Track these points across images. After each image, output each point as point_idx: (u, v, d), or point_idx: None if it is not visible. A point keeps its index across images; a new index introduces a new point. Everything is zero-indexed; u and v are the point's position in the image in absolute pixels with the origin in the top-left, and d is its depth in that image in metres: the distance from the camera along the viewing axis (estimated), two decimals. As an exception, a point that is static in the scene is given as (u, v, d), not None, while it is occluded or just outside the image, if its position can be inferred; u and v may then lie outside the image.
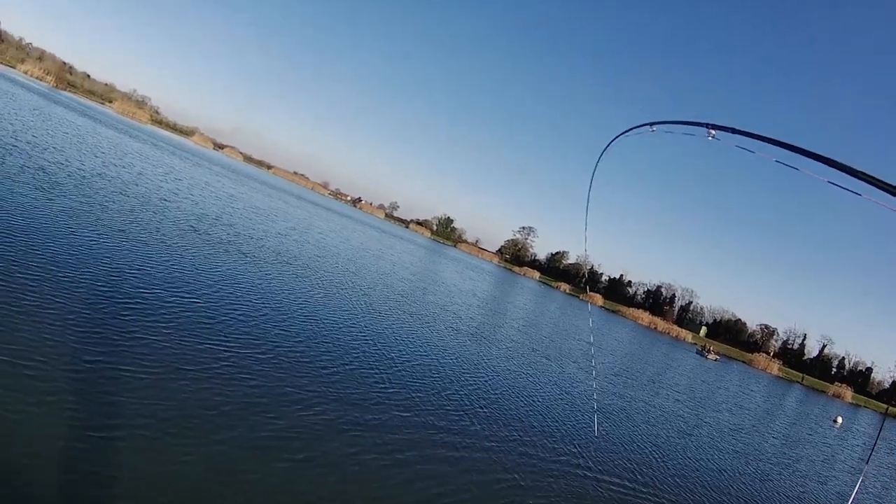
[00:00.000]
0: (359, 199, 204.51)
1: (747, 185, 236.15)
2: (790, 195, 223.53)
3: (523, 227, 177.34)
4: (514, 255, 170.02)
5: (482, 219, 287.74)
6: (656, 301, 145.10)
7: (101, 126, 53.04)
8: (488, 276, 73.51)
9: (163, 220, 17.83)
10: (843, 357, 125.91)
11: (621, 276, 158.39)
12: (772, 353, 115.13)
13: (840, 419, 41.35)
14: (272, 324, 11.48)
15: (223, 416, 6.80)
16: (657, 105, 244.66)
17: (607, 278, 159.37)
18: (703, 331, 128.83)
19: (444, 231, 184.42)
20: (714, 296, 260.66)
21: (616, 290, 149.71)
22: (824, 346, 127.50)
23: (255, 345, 9.81)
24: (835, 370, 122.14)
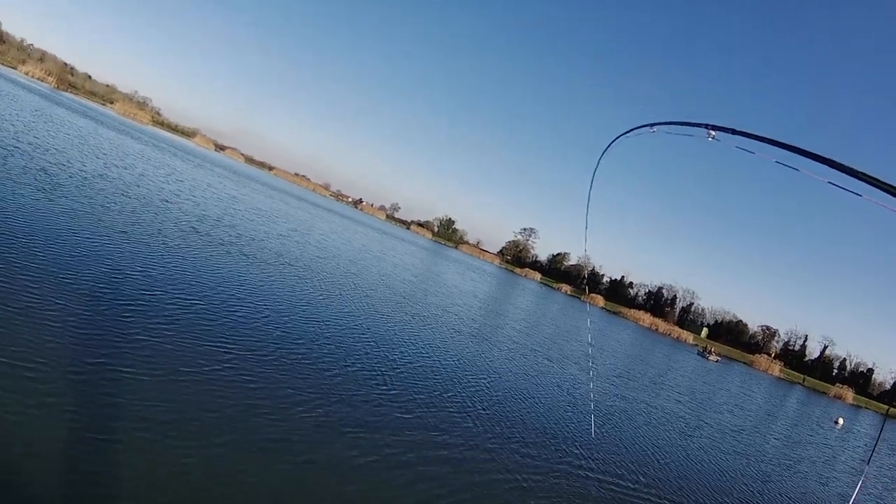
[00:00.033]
0: (360, 200, 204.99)
1: (749, 186, 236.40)
2: (791, 196, 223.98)
3: (524, 229, 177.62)
4: (516, 257, 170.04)
5: (483, 220, 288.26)
6: (657, 302, 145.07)
7: (103, 127, 53.10)
8: (489, 277, 73.50)
9: (164, 222, 17.85)
10: (845, 358, 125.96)
11: (623, 277, 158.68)
12: (773, 355, 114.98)
13: (841, 420, 41.33)
14: (274, 325, 11.49)
15: (224, 418, 6.80)
16: (657, 105, 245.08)
17: (608, 280, 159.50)
18: (705, 332, 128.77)
19: (446, 232, 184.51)
20: (715, 297, 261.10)
21: (617, 292, 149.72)
22: (825, 347, 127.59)
23: (257, 346, 9.82)
24: (836, 371, 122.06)
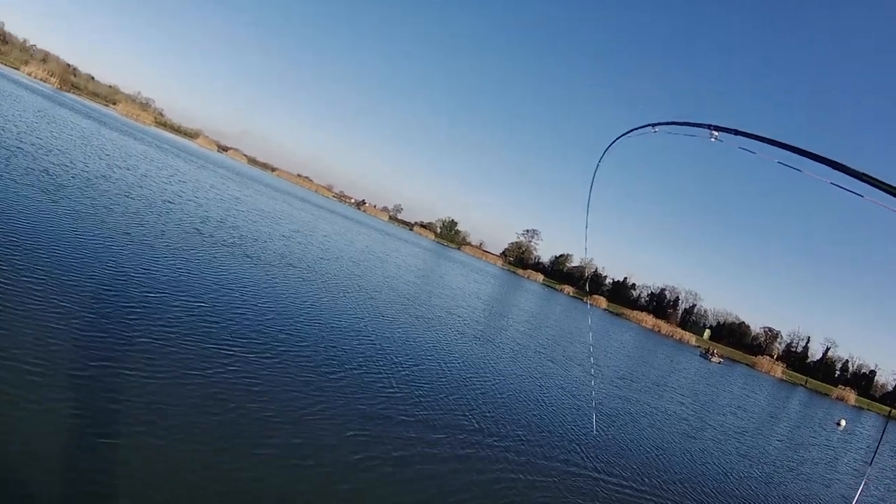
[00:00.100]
0: (363, 201, 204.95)
1: (751, 187, 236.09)
2: (793, 198, 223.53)
3: (527, 230, 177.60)
4: (518, 258, 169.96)
5: (484, 221, 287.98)
6: (660, 304, 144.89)
7: (106, 128, 53.21)
8: (492, 278, 73.48)
9: (168, 223, 17.89)
10: (847, 360, 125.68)
11: (625, 278, 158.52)
12: (775, 356, 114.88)
13: (843, 422, 41.20)
14: (277, 327, 11.51)
15: (227, 420, 6.82)
16: (657, 105, 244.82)
17: (611, 281, 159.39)
18: (707, 333, 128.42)
19: (448, 234, 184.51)
20: (718, 299, 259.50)
21: (620, 293, 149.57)
22: (828, 348, 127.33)
23: (260, 348, 9.83)
24: (838, 373, 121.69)
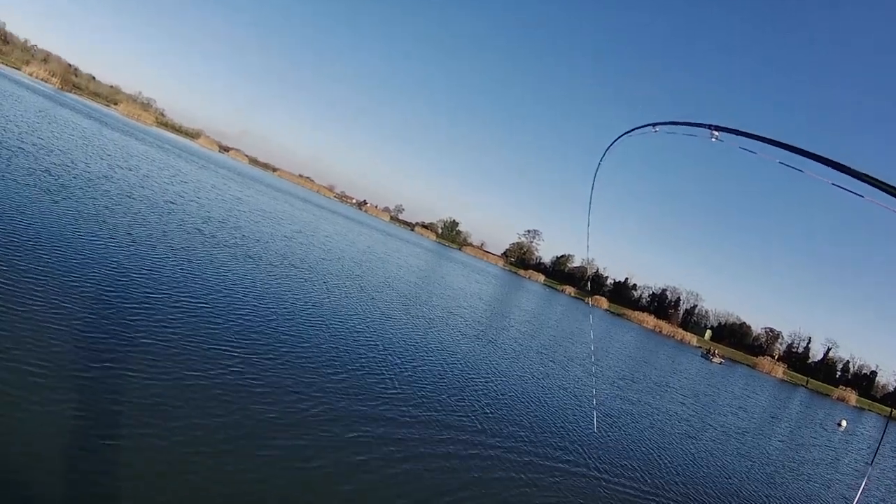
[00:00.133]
0: (364, 201, 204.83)
1: (751, 187, 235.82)
2: (794, 198, 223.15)
3: (528, 231, 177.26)
4: (520, 259, 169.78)
5: (485, 221, 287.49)
6: (661, 304, 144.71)
7: (107, 128, 53.25)
8: (494, 279, 73.47)
9: (169, 224, 17.92)
10: (848, 360, 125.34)
11: (626, 279, 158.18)
12: (776, 357, 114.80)
13: (844, 422, 41.19)
14: (280, 328, 11.53)
15: (230, 421, 6.83)
16: (657, 105, 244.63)
17: (612, 282, 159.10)
18: (708, 334, 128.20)
19: (450, 234, 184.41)
20: (719, 299, 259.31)
21: (621, 294, 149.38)
22: (829, 349, 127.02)
23: (263, 349, 9.84)
24: (839, 374, 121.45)
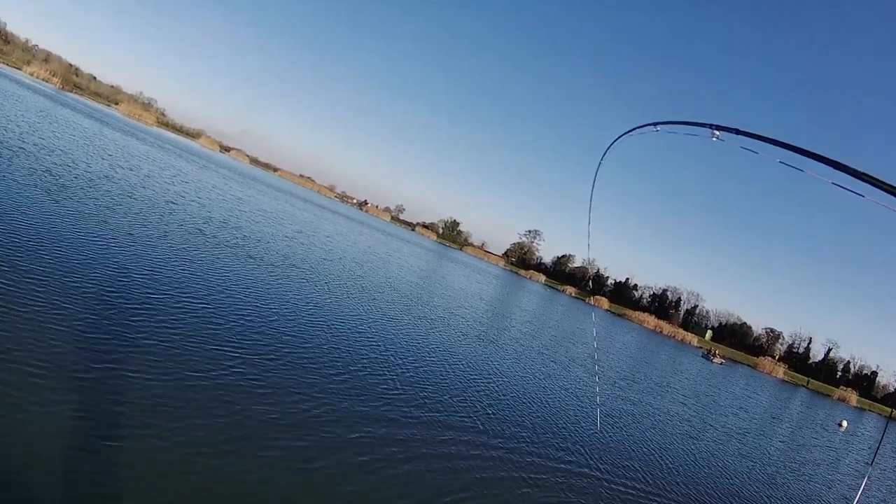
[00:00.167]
0: (365, 201, 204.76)
1: (752, 188, 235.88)
2: (794, 198, 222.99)
3: (529, 231, 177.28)
4: (520, 259, 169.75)
5: (487, 222, 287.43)
6: (662, 304, 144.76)
7: (108, 128, 53.27)
8: (494, 279, 73.45)
9: (171, 224, 17.94)
10: (849, 361, 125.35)
11: (627, 279, 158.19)
12: (777, 357, 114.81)
13: (845, 423, 41.16)
14: (281, 328, 11.53)
15: (232, 422, 6.83)
16: (657, 105, 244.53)
17: (613, 282, 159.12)
18: (709, 334, 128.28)
19: (451, 234, 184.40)
20: (720, 299, 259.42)
21: (622, 294, 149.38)
22: (829, 349, 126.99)
23: (265, 349, 9.84)
24: (840, 374, 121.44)
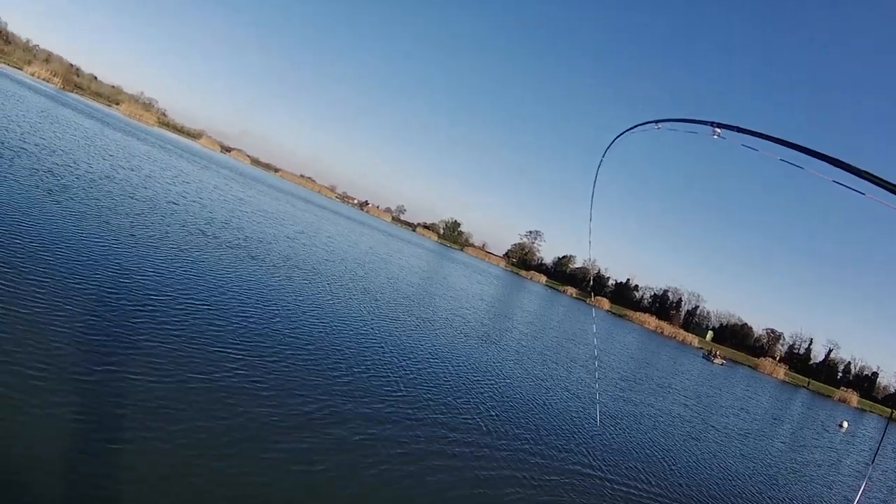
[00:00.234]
0: (366, 202, 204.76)
1: (752, 188, 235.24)
2: (795, 199, 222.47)
3: (530, 232, 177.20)
4: (521, 259, 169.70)
5: (487, 222, 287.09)
6: (663, 305, 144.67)
7: (109, 128, 53.31)
8: (495, 280, 73.44)
9: (172, 224, 17.95)
10: (849, 362, 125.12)
11: (628, 280, 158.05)
12: (778, 358, 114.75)
13: (846, 424, 41.10)
14: (283, 330, 11.53)
15: (234, 424, 6.83)
16: (657, 105, 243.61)
17: (614, 282, 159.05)
18: (710, 335, 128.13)
19: (452, 235, 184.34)
20: (721, 300, 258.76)
21: (623, 295, 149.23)
22: (830, 350, 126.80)
23: (267, 351, 9.83)
24: (840, 375, 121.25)
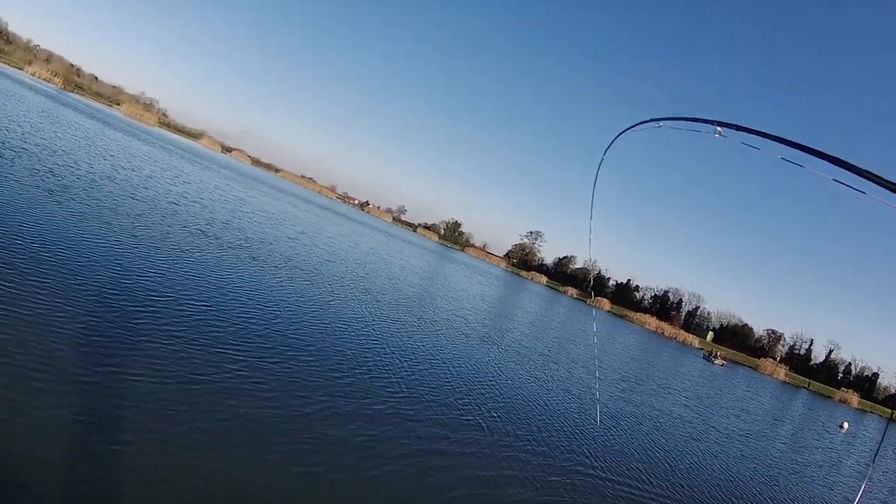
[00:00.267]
0: (366, 202, 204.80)
1: (753, 188, 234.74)
2: (797, 200, 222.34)
3: (531, 232, 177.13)
4: (522, 260, 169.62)
5: (487, 222, 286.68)
6: (663, 306, 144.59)
7: (110, 129, 53.33)
8: (496, 280, 73.42)
9: (173, 225, 17.96)
10: (850, 362, 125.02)
11: (629, 280, 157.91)
12: (778, 359, 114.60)
13: (846, 424, 41.06)
14: (285, 330, 11.53)
15: (235, 425, 6.84)
16: (657, 105, 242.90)
17: (614, 283, 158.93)
18: (710, 336, 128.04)
19: (452, 235, 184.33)
20: (721, 300, 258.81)
21: (623, 295, 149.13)
22: (831, 351, 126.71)
23: (268, 352, 9.82)
24: (841, 375, 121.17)
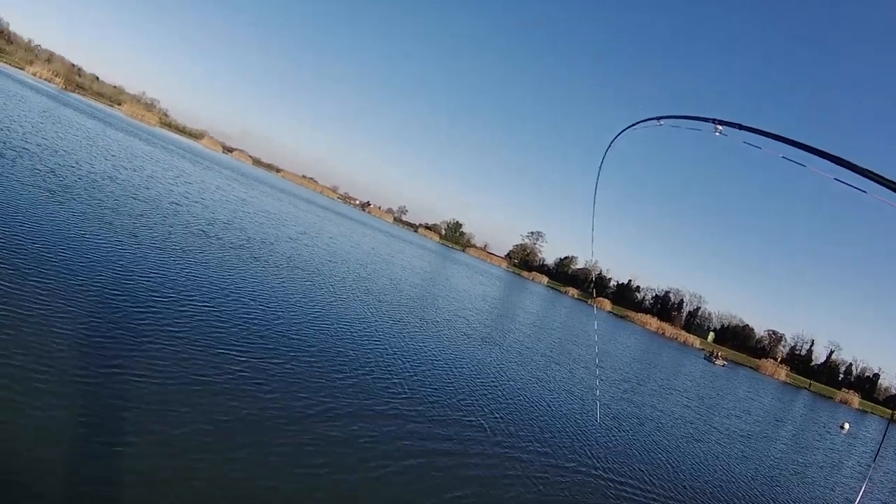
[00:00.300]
0: (367, 203, 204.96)
1: (754, 189, 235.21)
2: (797, 201, 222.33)
3: (532, 232, 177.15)
4: (523, 260, 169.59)
5: (488, 223, 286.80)
6: (664, 306, 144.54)
7: (111, 129, 53.37)
8: (497, 280, 73.36)
9: (174, 225, 17.97)
10: (851, 363, 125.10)
11: (630, 281, 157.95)
12: (779, 359, 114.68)
13: (847, 425, 41.03)
14: (286, 330, 11.53)
15: (236, 425, 6.84)
16: (658, 105, 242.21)
17: (616, 283, 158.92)
18: (711, 336, 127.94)
19: (453, 236, 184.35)
20: (722, 301, 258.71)
21: (624, 296, 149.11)
22: (832, 351, 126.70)
23: (270, 352, 9.82)
24: (842, 376, 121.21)
